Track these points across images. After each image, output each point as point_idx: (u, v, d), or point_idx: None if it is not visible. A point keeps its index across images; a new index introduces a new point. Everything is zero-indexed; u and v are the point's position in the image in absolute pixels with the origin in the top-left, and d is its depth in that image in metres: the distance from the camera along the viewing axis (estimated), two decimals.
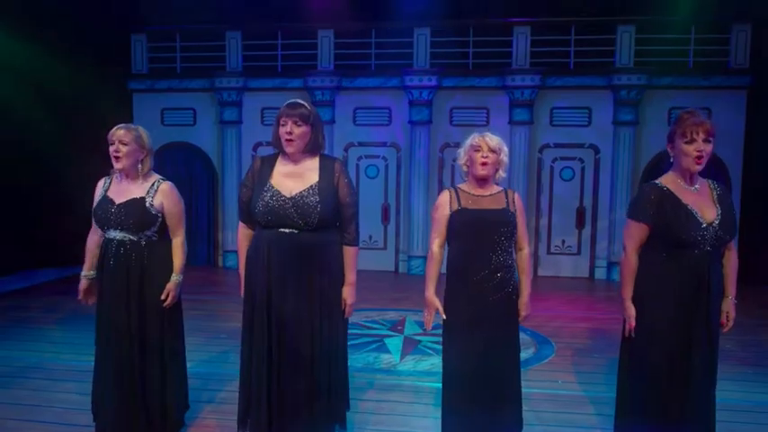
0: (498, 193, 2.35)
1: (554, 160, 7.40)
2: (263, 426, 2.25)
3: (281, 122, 2.32)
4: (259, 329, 2.25)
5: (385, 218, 7.75)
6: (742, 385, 3.40)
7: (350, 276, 2.45)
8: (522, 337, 2.87)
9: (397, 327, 4.74)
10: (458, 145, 7.61)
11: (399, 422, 2.85)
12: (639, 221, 2.21)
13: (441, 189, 7.47)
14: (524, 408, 2.96)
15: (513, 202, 2.36)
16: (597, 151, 7.28)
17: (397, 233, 7.76)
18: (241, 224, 2.49)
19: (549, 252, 7.54)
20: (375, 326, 4.76)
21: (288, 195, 2.24)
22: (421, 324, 4.85)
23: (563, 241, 7.52)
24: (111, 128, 2.50)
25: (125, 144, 2.43)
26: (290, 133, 2.28)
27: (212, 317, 4.97)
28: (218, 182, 7.92)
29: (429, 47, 7.34)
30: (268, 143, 7.70)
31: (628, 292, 2.23)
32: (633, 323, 2.21)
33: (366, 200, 7.70)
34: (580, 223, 7.45)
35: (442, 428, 2.38)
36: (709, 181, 2.31)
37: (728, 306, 2.29)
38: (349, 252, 2.45)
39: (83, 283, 2.56)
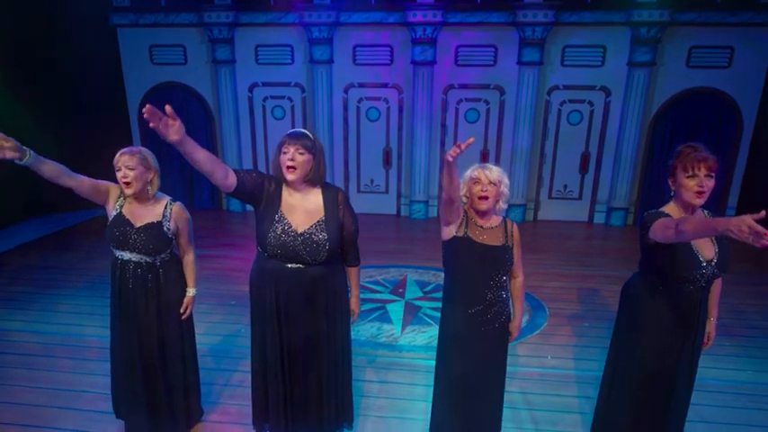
0: (498, 226, 2.33)
1: (562, 103, 7.12)
2: (277, 427, 2.51)
3: (283, 150, 2.27)
4: (271, 346, 2.40)
5: (386, 162, 7.67)
6: (718, 361, 3.63)
7: (355, 290, 2.61)
8: None
9: (398, 289, 4.95)
10: (464, 87, 7.35)
11: (400, 407, 3.12)
12: (664, 218, 2.13)
13: (444, 132, 7.35)
14: (513, 388, 3.27)
15: (512, 235, 2.35)
16: (608, 94, 6.98)
17: (398, 177, 7.73)
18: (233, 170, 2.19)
19: (550, 197, 7.57)
20: (377, 288, 4.97)
21: (297, 231, 2.26)
22: (421, 285, 5.06)
23: (565, 186, 7.51)
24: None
25: (131, 168, 2.40)
26: (292, 160, 2.24)
27: (221, 277, 5.15)
28: (216, 124, 7.72)
29: None
30: (264, 83, 7.42)
31: (716, 221, 1.69)
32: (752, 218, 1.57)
33: (367, 144, 7.60)
34: (584, 168, 7.38)
35: (429, 427, 2.60)
36: (705, 212, 2.31)
37: (711, 327, 2.43)
38: (352, 271, 2.56)
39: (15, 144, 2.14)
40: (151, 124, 1.74)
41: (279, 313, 2.34)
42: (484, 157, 7.39)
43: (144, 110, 1.73)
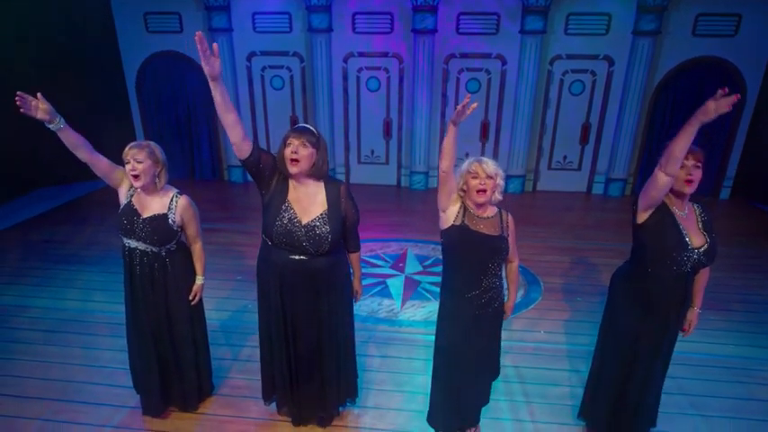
0: (494, 216, 2.42)
1: (564, 73, 7.04)
2: (287, 405, 2.71)
3: (288, 143, 2.33)
4: (276, 333, 2.55)
5: (387, 133, 7.65)
6: (701, 335, 3.75)
7: (357, 272, 2.74)
8: None
9: (398, 264, 5.09)
10: (465, 56, 7.27)
11: (400, 381, 3.31)
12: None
13: (445, 103, 7.30)
14: (507, 362, 3.45)
15: (507, 225, 2.44)
16: (612, 63, 6.89)
17: (399, 148, 7.74)
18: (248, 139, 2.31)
19: (549, 167, 7.61)
20: (378, 262, 5.11)
21: (302, 222, 2.35)
22: (421, 259, 5.21)
23: (564, 157, 7.54)
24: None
25: (140, 162, 2.49)
26: (296, 153, 2.31)
27: (226, 252, 5.27)
28: None
29: None
30: (263, 53, 7.30)
31: (688, 122, 2.00)
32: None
33: (367, 114, 7.56)
34: (584, 139, 7.38)
35: (429, 403, 2.78)
36: (695, 206, 2.40)
37: (693, 315, 2.55)
38: (354, 256, 2.68)
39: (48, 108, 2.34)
40: (199, 46, 1.97)
41: (283, 302, 2.46)
42: (484, 128, 7.39)
43: (197, 34, 1.95)
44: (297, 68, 7.40)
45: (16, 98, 2.26)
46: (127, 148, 2.51)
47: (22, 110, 2.29)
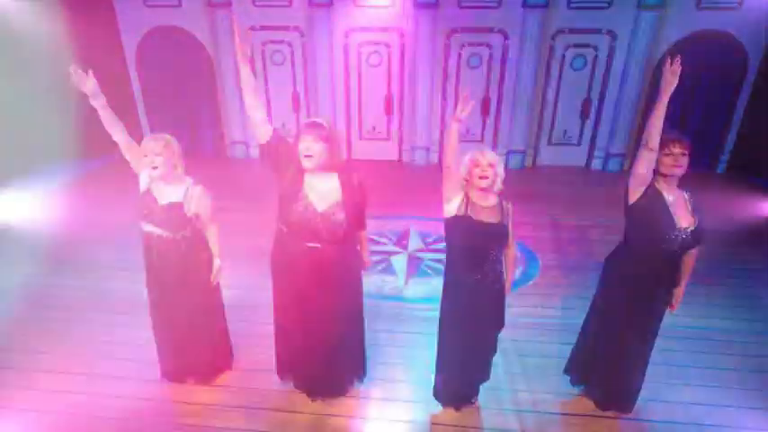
0: (495, 205, 2.57)
1: (566, 48, 7.01)
2: (300, 381, 2.93)
3: (301, 139, 2.44)
4: (291, 320, 2.74)
5: (388, 109, 7.68)
6: (689, 308, 3.88)
7: (365, 247, 2.92)
8: None
9: (401, 241, 5.26)
10: (466, 30, 7.18)
11: (405, 355, 3.53)
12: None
13: (446, 78, 7.30)
14: (505, 336, 3.65)
15: (508, 213, 2.59)
16: (614, 38, 6.86)
17: (400, 124, 7.78)
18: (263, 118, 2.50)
19: (549, 143, 7.68)
20: (382, 240, 5.28)
21: (318, 210, 2.48)
22: (423, 236, 5.38)
23: (564, 132, 7.60)
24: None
25: (158, 154, 2.63)
26: (309, 149, 2.42)
27: (231, 230, 5.23)
28: (216, 70, 7.62)
29: None
30: (263, 27, 7.23)
31: (659, 99, 2.34)
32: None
33: (369, 90, 7.57)
34: (585, 114, 7.43)
35: (435, 380, 3.01)
36: (684, 192, 2.55)
37: (679, 293, 2.74)
38: (362, 234, 2.87)
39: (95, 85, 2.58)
40: (236, 28, 2.27)
41: (298, 289, 2.63)
42: (486, 104, 7.42)
43: (233, 18, 2.10)
44: (297, 43, 7.35)
45: (71, 70, 2.52)
46: (144, 142, 2.65)
47: (72, 79, 2.54)
